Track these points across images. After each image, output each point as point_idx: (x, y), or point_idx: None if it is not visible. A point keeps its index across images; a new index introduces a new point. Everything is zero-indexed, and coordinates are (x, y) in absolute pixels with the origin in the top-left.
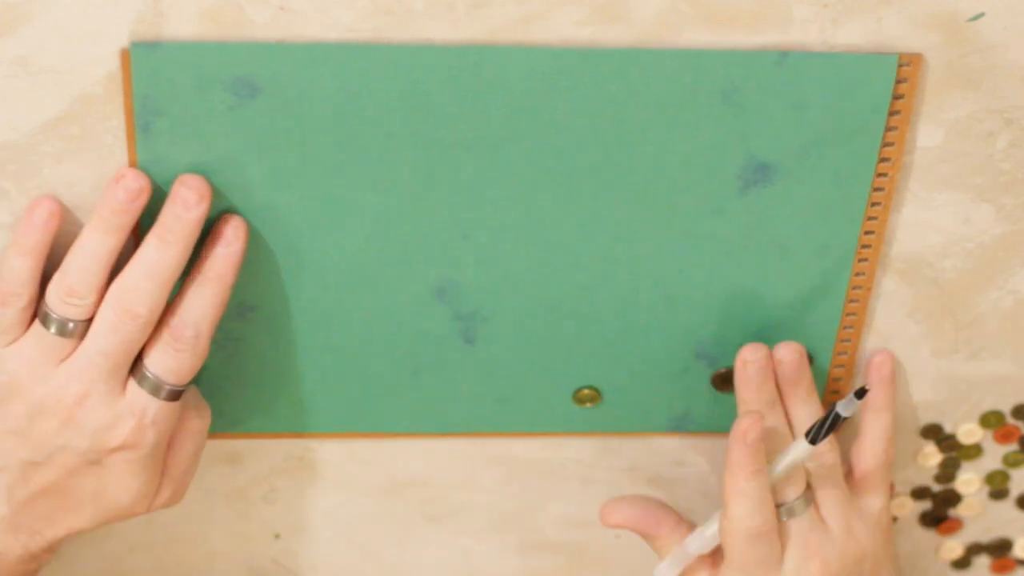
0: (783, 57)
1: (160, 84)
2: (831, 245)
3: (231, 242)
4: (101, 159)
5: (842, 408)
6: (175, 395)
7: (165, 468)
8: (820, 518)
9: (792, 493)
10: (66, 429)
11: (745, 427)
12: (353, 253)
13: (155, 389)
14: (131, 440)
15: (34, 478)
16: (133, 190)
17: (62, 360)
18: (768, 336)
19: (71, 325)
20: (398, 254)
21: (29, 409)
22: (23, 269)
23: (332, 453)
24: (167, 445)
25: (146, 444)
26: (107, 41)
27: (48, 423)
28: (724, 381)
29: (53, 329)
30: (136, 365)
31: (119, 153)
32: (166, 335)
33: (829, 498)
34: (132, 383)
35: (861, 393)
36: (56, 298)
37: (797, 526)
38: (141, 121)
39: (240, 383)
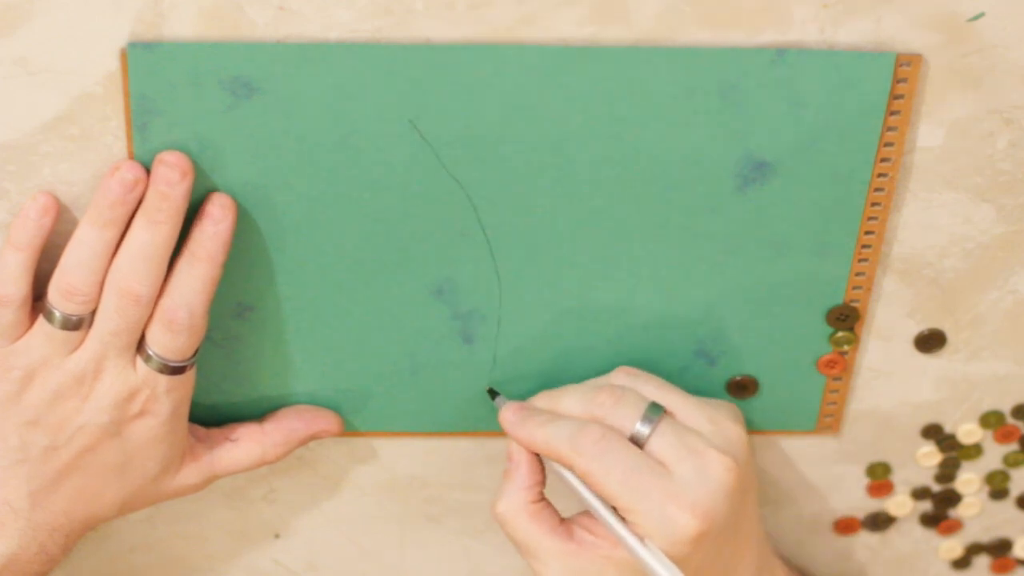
0: (780, 55)
1: (157, 84)
2: (830, 243)
3: (219, 220)
4: (101, 159)
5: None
6: (181, 369)
7: (194, 453)
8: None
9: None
10: (86, 406)
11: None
12: (351, 252)
13: (160, 367)
14: (150, 407)
15: (55, 462)
16: (129, 182)
17: (72, 351)
18: (767, 334)
19: (75, 318)
20: (396, 253)
21: (48, 396)
22: (17, 265)
23: (332, 453)
24: (203, 437)
25: (163, 411)
26: (107, 41)
27: (68, 404)
28: (739, 388)
29: (58, 325)
30: (140, 344)
31: (119, 153)
32: (162, 318)
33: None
34: (139, 360)
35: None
36: (57, 296)
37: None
38: (139, 121)
39: (238, 383)
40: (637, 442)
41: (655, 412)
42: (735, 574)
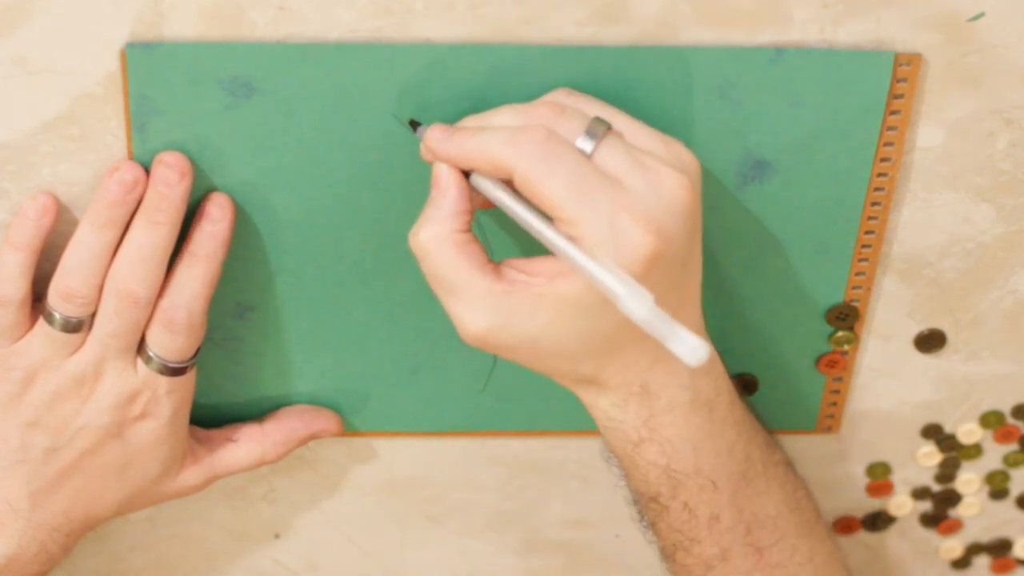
0: (779, 54)
1: (156, 84)
2: (829, 242)
3: (218, 220)
4: (101, 159)
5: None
6: (181, 370)
7: (194, 454)
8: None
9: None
10: (87, 408)
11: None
12: (350, 252)
13: (161, 368)
14: (151, 409)
15: (56, 463)
16: (128, 182)
17: (73, 352)
18: (767, 332)
19: (75, 320)
20: (396, 253)
21: (48, 397)
22: (16, 265)
23: (332, 453)
24: (203, 438)
25: (164, 413)
26: (107, 41)
27: (68, 405)
28: (740, 387)
29: (58, 327)
30: (141, 346)
31: (119, 153)
32: (161, 318)
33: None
34: (140, 362)
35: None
36: (57, 298)
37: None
38: (137, 121)
39: (239, 383)
40: None
41: (600, 125)
42: (681, 320)
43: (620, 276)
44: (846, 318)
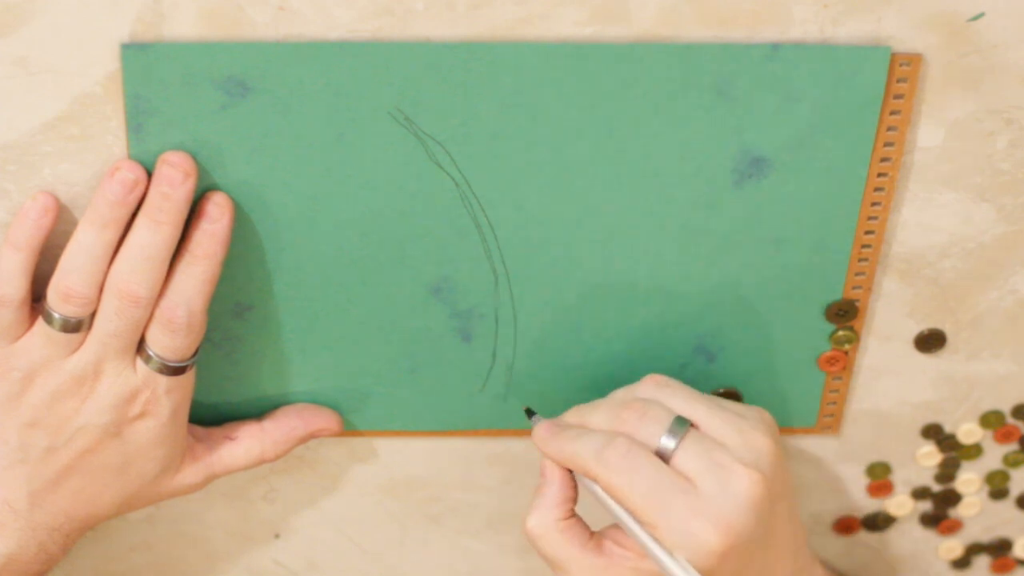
0: (775, 50)
1: (151, 85)
2: (828, 238)
3: (216, 219)
4: (101, 159)
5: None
6: (181, 370)
7: (193, 453)
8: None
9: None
10: (86, 408)
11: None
12: (349, 251)
13: (160, 368)
14: (150, 408)
15: (55, 463)
16: (129, 182)
17: (72, 352)
18: (767, 331)
19: (74, 321)
20: (394, 252)
21: (47, 397)
22: (16, 265)
23: (332, 453)
24: (202, 437)
25: (163, 413)
26: (107, 41)
27: (68, 404)
28: (727, 394)
29: (57, 327)
30: (140, 345)
31: (119, 153)
32: (160, 317)
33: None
34: (139, 361)
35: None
36: (56, 298)
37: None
38: (133, 122)
39: (237, 382)
40: (663, 456)
41: (681, 426)
42: None
43: (688, 570)
44: (846, 314)
